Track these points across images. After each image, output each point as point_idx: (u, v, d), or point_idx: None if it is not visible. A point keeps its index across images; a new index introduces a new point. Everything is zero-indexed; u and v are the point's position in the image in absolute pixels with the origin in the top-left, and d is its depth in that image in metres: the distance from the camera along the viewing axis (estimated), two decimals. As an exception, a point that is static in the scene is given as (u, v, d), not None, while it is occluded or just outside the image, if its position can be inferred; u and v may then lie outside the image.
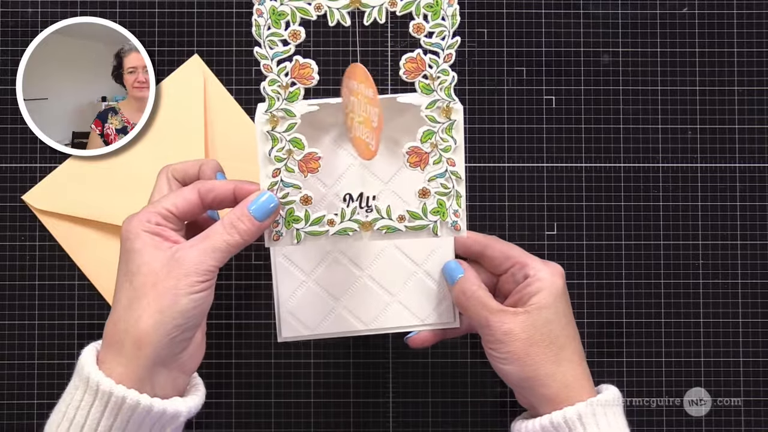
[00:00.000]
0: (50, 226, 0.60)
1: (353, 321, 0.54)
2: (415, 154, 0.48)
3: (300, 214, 0.48)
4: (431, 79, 0.46)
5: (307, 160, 0.47)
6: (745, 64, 0.62)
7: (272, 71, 0.45)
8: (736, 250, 0.61)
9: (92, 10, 0.60)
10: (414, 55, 0.45)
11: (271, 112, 0.46)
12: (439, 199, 0.49)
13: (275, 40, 0.44)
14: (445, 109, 0.47)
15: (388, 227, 0.49)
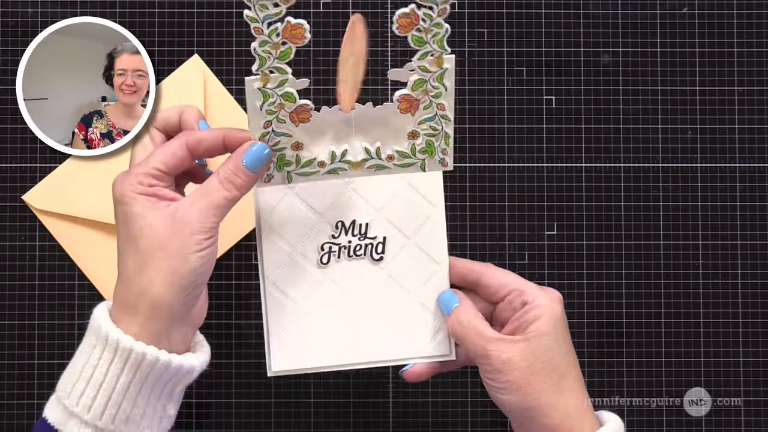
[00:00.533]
0: (50, 226, 0.60)
1: (346, 354, 0.52)
2: (405, 101, 0.48)
3: (291, 159, 0.49)
4: (424, 32, 0.46)
5: (299, 111, 0.47)
6: (745, 64, 0.62)
7: (263, 33, 0.44)
8: (736, 250, 0.61)
9: (92, 10, 0.60)
10: (408, 11, 0.45)
11: (262, 70, 0.46)
12: (428, 139, 0.49)
13: (266, 3, 0.43)
14: (437, 59, 0.47)
15: (378, 165, 0.50)
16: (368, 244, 0.51)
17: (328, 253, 0.51)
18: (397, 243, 0.51)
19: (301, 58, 0.61)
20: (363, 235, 0.51)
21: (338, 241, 0.51)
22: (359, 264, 0.51)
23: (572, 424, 0.47)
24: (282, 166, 0.49)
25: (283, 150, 0.49)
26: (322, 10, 0.61)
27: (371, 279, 0.51)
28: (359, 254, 0.51)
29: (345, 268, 0.51)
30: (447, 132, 0.49)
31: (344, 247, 0.51)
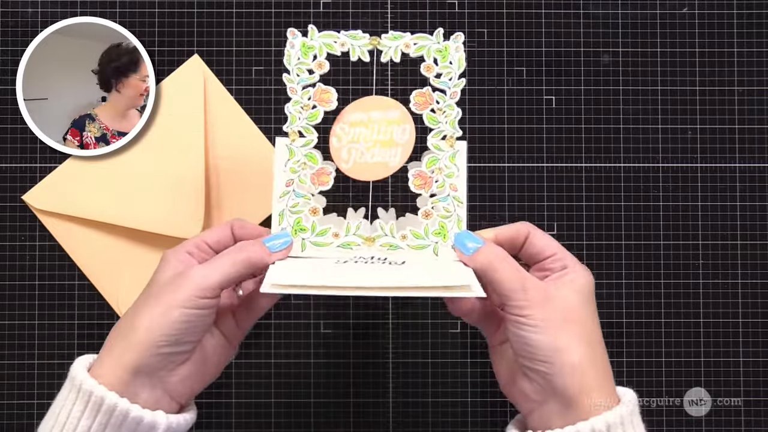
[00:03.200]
0: (50, 226, 0.60)
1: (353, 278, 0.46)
2: (420, 177, 0.52)
3: (307, 225, 0.51)
4: (438, 113, 0.51)
5: (319, 174, 0.52)
6: (745, 64, 0.62)
7: (297, 94, 0.51)
8: (736, 250, 0.61)
9: (92, 10, 0.60)
10: (423, 90, 0.51)
11: (292, 128, 0.51)
12: (440, 221, 0.52)
13: (302, 69, 0.50)
14: (449, 139, 0.51)
15: (390, 244, 0.52)
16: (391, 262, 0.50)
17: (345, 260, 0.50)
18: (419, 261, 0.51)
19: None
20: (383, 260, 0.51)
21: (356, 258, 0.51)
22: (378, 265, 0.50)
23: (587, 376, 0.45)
24: (297, 231, 0.51)
25: (301, 214, 0.51)
26: (322, 10, 0.61)
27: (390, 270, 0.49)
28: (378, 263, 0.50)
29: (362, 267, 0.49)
30: (459, 215, 0.52)
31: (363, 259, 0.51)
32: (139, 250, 0.60)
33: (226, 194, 0.60)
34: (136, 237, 0.59)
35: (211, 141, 0.60)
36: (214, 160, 0.60)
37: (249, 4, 0.61)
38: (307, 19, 0.61)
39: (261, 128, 0.61)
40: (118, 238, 0.60)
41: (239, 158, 0.60)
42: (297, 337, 0.60)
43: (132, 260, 0.59)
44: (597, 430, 0.43)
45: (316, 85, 0.51)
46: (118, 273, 0.60)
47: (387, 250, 0.52)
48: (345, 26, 0.61)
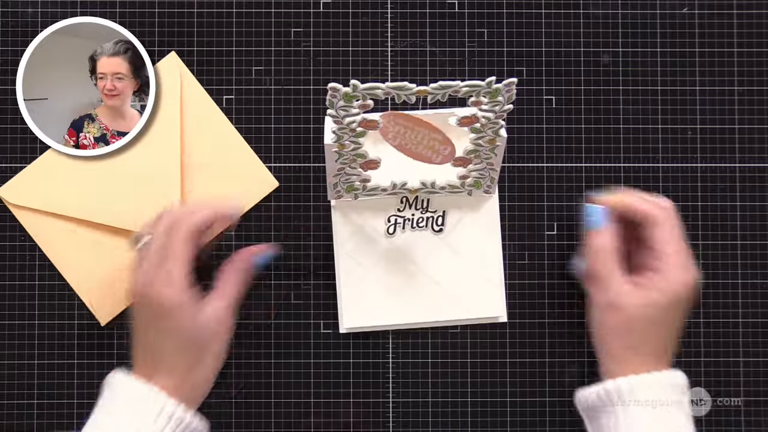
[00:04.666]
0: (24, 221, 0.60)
1: (408, 314, 0.59)
2: (460, 160, 0.54)
3: (359, 186, 0.56)
4: (482, 127, 0.51)
5: (369, 163, 0.53)
6: (745, 64, 0.62)
7: (341, 123, 0.49)
8: (736, 250, 0.61)
9: (92, 10, 0.60)
10: (469, 115, 0.50)
11: (339, 142, 0.51)
12: (476, 179, 0.56)
13: (347, 109, 0.48)
14: (491, 140, 0.52)
15: (431, 192, 0.57)
16: (429, 217, 0.58)
17: (394, 224, 0.58)
18: (455, 216, 0.58)
19: (301, 58, 0.61)
20: (425, 209, 0.58)
21: (403, 214, 0.58)
22: (421, 234, 0.58)
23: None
24: (350, 189, 0.56)
25: (353, 181, 0.55)
26: (322, 10, 0.61)
27: (432, 248, 0.58)
28: (421, 226, 0.58)
29: (409, 238, 0.58)
30: (493, 177, 0.56)
31: (408, 220, 0.58)
32: (112, 247, 0.60)
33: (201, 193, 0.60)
34: (109, 233, 0.59)
35: (187, 139, 0.60)
36: (190, 159, 0.60)
37: (249, 5, 0.61)
38: (307, 19, 0.61)
39: (261, 128, 0.61)
40: (93, 234, 0.60)
41: (216, 158, 0.60)
42: (297, 338, 0.60)
43: (104, 257, 0.59)
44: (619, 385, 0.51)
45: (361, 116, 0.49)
46: (91, 269, 0.59)
47: (426, 194, 0.57)
48: (345, 26, 0.61)
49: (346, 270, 0.59)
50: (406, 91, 0.46)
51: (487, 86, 0.47)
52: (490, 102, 0.48)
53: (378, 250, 0.59)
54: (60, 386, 0.60)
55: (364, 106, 0.48)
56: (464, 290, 0.59)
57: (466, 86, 0.46)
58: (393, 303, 0.59)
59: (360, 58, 0.61)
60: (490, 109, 0.49)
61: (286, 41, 0.61)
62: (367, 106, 0.48)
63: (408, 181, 0.56)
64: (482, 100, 0.48)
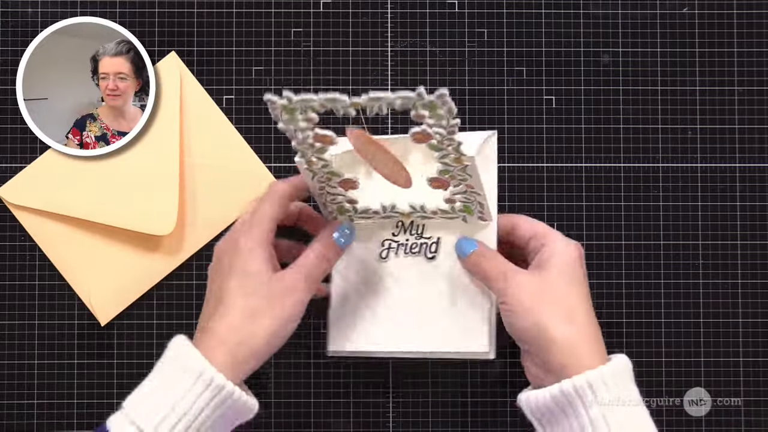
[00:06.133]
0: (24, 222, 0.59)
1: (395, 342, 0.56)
2: (436, 181, 0.51)
3: (350, 209, 0.54)
4: (439, 143, 0.47)
5: (346, 182, 0.51)
6: (745, 64, 0.62)
7: (296, 138, 0.47)
8: (736, 250, 0.61)
9: (92, 10, 0.60)
10: (419, 130, 0.45)
11: (305, 159, 0.49)
12: (464, 204, 0.53)
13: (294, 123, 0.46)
14: (456, 159, 0.48)
15: (424, 216, 0.55)
16: (423, 243, 0.55)
17: (388, 249, 0.56)
18: (449, 243, 0.55)
19: (301, 58, 0.61)
20: (419, 234, 0.56)
21: (398, 239, 0.56)
22: (414, 261, 0.55)
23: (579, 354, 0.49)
24: (342, 211, 0.55)
25: (341, 203, 0.54)
26: (322, 10, 0.61)
27: (424, 275, 0.55)
28: (415, 251, 0.56)
29: (402, 263, 0.56)
30: (480, 202, 0.52)
31: (402, 245, 0.56)
32: (112, 246, 0.60)
33: (201, 193, 0.60)
34: (108, 233, 0.59)
35: (186, 139, 0.60)
36: (189, 159, 0.60)
37: (249, 5, 0.61)
38: (307, 19, 0.61)
39: (261, 128, 0.61)
40: (92, 234, 0.59)
41: (216, 158, 0.60)
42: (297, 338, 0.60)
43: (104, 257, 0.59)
44: (578, 387, 0.47)
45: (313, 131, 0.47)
46: (91, 269, 0.59)
47: (420, 219, 0.55)
48: (345, 26, 0.61)
49: (337, 291, 0.57)
50: (340, 103, 0.43)
51: (419, 98, 0.42)
52: (432, 116, 0.44)
53: (369, 275, 0.56)
54: (60, 386, 0.60)
55: (308, 120, 0.45)
56: (450, 322, 0.54)
57: (399, 98, 0.43)
58: (380, 331, 0.56)
59: (360, 58, 0.61)
60: (436, 123, 0.45)
61: (286, 41, 0.61)
62: (312, 120, 0.45)
63: (397, 204, 0.54)
64: (423, 113, 0.44)
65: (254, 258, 0.50)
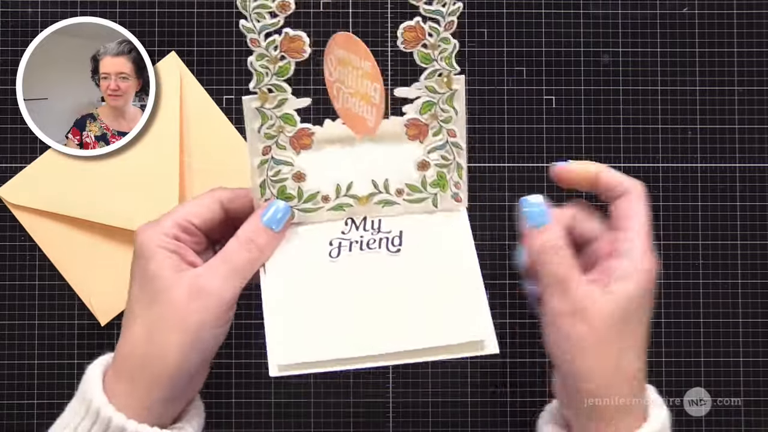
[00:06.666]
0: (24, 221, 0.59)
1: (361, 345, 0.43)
2: (413, 126, 0.45)
3: (293, 192, 0.46)
4: (431, 48, 0.43)
5: (299, 137, 0.45)
6: (745, 64, 0.62)
7: (260, 45, 0.42)
8: (736, 250, 0.61)
9: (92, 10, 0.60)
10: (413, 24, 0.42)
11: (260, 87, 0.43)
12: (439, 171, 0.46)
13: (262, 12, 0.41)
14: (446, 78, 0.44)
15: (386, 201, 0.47)
16: (383, 238, 0.46)
17: (338, 247, 0.46)
18: (415, 235, 0.46)
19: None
20: (376, 230, 0.47)
21: (348, 236, 0.46)
22: (374, 256, 0.46)
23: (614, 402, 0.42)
24: (282, 193, 0.46)
25: (284, 181, 0.45)
26: (322, 10, 0.61)
27: (388, 270, 0.45)
28: (373, 247, 0.46)
29: (357, 260, 0.46)
30: (459, 162, 0.46)
31: (356, 242, 0.46)
32: (112, 246, 0.60)
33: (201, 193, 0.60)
34: (108, 233, 0.59)
35: (186, 139, 0.60)
36: (189, 159, 0.60)
37: (249, 4, 0.61)
38: (307, 19, 0.61)
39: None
40: (92, 234, 0.59)
41: (216, 158, 0.60)
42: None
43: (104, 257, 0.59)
44: None
45: (282, 32, 0.42)
46: (91, 269, 0.59)
47: (382, 208, 0.46)
48: (345, 27, 0.61)
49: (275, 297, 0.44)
50: None
51: None
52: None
53: (317, 275, 0.45)
54: (60, 386, 0.60)
55: (283, 6, 0.40)
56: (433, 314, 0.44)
57: None
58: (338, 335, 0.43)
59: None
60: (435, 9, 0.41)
61: None
62: (287, 6, 0.41)
63: (354, 181, 0.46)
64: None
65: (152, 256, 0.42)
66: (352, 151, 0.46)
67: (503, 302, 0.60)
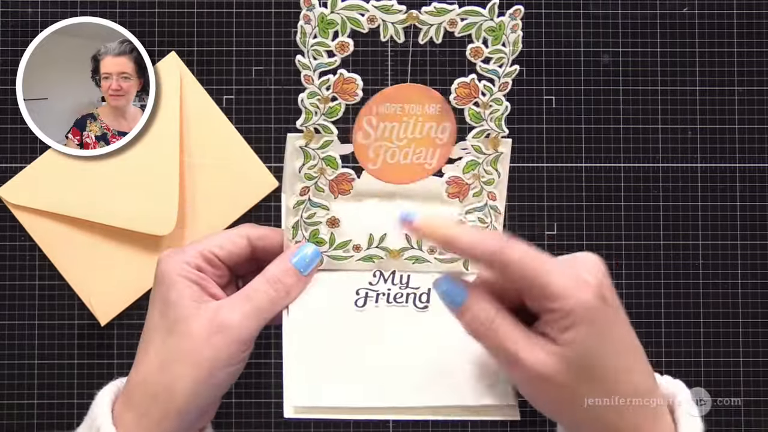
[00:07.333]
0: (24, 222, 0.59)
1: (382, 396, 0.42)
2: (455, 184, 0.44)
3: (325, 237, 0.45)
4: (483, 107, 0.43)
5: (340, 181, 0.44)
6: (745, 64, 0.62)
7: (313, 83, 0.41)
8: (736, 250, 0.61)
9: (92, 10, 0.60)
10: (468, 80, 0.42)
11: (307, 126, 0.42)
12: None
13: (320, 50, 0.41)
14: (493, 139, 0.43)
15: (417, 258, 0.45)
16: (410, 293, 0.45)
17: (365, 297, 0.45)
18: None
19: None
20: (404, 284, 0.45)
21: (376, 288, 0.45)
22: (400, 309, 0.45)
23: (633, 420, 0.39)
24: (314, 237, 0.45)
25: (318, 225, 0.45)
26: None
27: (414, 325, 0.44)
28: (400, 302, 0.45)
29: (383, 312, 0.45)
30: (496, 227, 0.45)
31: (383, 294, 0.45)
32: (112, 246, 0.60)
33: (201, 193, 0.60)
34: (108, 233, 0.59)
35: (186, 139, 0.60)
36: (189, 159, 0.60)
37: (249, 5, 0.61)
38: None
39: (261, 128, 0.61)
40: (92, 234, 0.59)
41: (216, 158, 0.60)
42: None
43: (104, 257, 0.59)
44: None
45: (337, 72, 0.41)
46: (91, 269, 0.59)
47: (412, 264, 0.45)
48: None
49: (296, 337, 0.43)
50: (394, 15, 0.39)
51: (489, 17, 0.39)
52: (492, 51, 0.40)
53: (342, 321, 0.44)
54: (60, 386, 0.60)
55: (342, 46, 0.40)
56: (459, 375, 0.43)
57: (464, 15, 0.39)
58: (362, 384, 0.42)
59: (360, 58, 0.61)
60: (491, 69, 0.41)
61: (286, 41, 0.61)
62: (346, 47, 0.40)
63: (387, 233, 0.45)
64: (482, 49, 0.40)
65: (173, 285, 0.40)
66: (390, 204, 0.45)
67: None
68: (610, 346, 0.39)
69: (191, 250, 0.42)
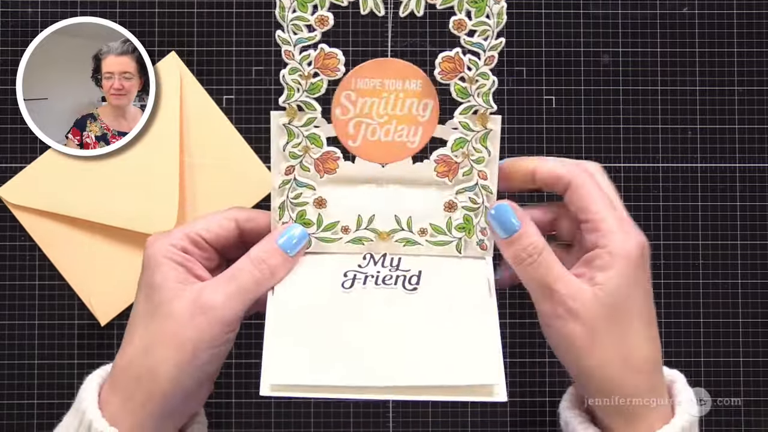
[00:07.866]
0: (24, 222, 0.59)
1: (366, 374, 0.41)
2: (443, 162, 0.44)
3: (312, 218, 0.44)
4: (469, 82, 0.42)
5: (325, 159, 0.43)
6: (745, 64, 0.62)
7: (294, 58, 0.41)
8: (736, 250, 0.61)
9: (92, 10, 0.60)
10: (452, 54, 0.41)
11: (290, 102, 0.42)
12: (466, 214, 0.44)
13: (300, 25, 0.40)
14: (481, 116, 0.42)
15: (408, 240, 0.45)
16: (400, 275, 0.44)
17: (352, 279, 0.44)
18: (435, 278, 0.44)
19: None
20: (395, 267, 0.45)
21: (365, 270, 0.44)
22: (388, 291, 0.44)
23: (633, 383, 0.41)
24: (301, 218, 0.44)
25: (305, 206, 0.44)
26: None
27: (401, 306, 0.43)
28: (389, 284, 0.44)
29: (371, 294, 0.44)
30: (488, 207, 0.44)
31: (371, 276, 0.44)
32: (112, 246, 0.60)
33: (201, 193, 0.60)
34: (108, 233, 0.59)
35: (186, 139, 0.60)
36: (189, 159, 0.60)
37: (249, 5, 0.61)
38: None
39: (261, 128, 0.61)
40: (92, 234, 0.59)
41: (216, 158, 0.60)
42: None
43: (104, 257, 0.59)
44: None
45: (317, 47, 0.41)
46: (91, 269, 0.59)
47: (403, 247, 0.45)
48: (345, 26, 0.61)
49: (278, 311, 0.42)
50: None
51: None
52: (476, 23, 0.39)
53: (327, 301, 0.43)
54: (60, 386, 0.60)
55: (321, 20, 0.39)
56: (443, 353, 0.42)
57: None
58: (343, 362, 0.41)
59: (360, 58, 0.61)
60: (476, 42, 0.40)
61: (286, 41, 0.61)
62: (325, 21, 0.40)
63: (376, 214, 0.44)
64: (465, 22, 0.39)
65: (158, 267, 0.40)
66: (379, 186, 0.45)
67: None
68: (634, 302, 0.41)
69: (177, 232, 0.42)
